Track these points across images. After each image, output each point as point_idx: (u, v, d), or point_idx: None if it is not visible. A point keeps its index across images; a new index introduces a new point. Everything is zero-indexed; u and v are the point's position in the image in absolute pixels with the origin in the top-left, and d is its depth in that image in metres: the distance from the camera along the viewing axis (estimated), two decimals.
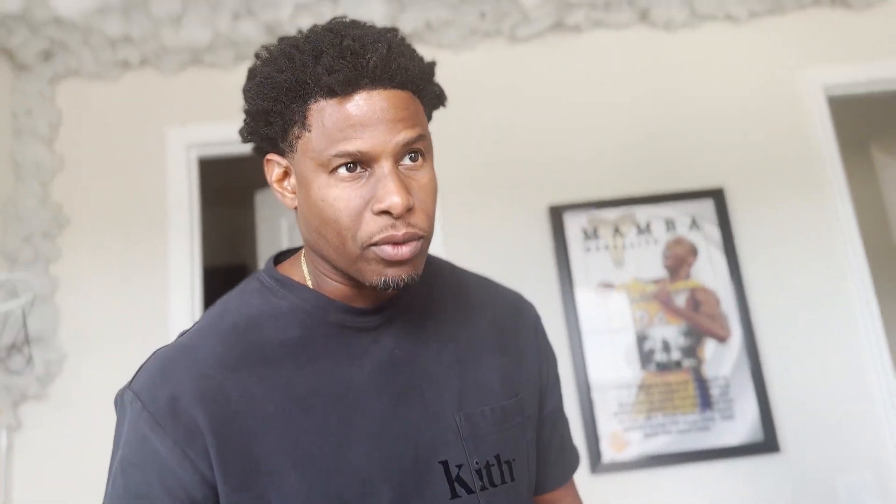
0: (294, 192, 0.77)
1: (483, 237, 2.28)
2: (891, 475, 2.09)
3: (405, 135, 0.72)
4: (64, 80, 2.38)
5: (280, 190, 0.79)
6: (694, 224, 2.27)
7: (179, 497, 0.70)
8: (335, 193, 0.72)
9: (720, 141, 2.37)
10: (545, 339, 0.98)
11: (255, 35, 2.25)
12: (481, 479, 0.80)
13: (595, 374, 2.16)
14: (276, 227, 2.65)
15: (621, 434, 2.12)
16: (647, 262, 2.25)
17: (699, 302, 2.22)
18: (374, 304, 0.81)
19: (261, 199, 2.77)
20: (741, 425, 2.12)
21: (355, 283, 0.79)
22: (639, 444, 2.11)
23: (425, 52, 2.45)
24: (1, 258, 2.18)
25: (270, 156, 0.78)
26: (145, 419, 0.71)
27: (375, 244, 0.72)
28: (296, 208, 0.78)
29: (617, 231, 2.27)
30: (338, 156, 0.71)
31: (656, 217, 2.27)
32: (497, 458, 0.82)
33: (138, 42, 2.27)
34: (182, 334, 0.80)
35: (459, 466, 0.79)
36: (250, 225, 2.83)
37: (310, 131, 0.72)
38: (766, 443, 2.10)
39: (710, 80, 2.44)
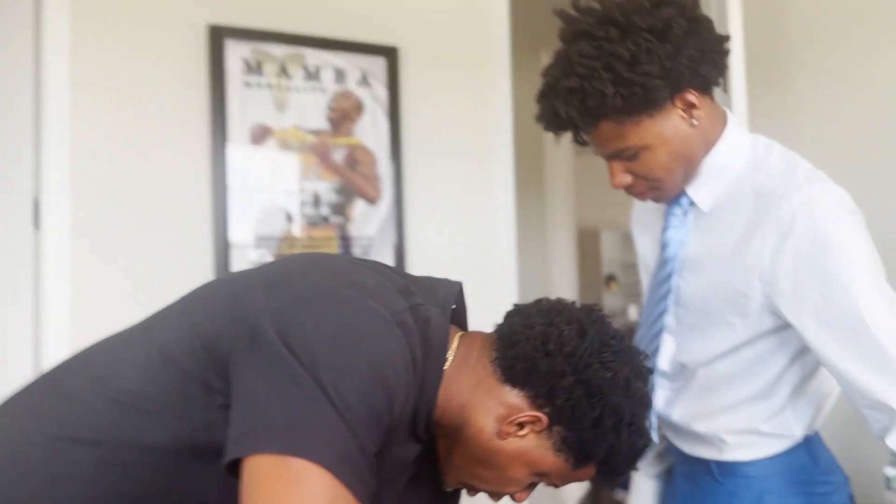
0: (522, 436, 0.83)
1: (131, 54, 1.93)
2: None
3: None
4: None
5: (517, 428, 0.83)
6: (364, 80, 2.19)
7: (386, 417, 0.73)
8: (522, 484, 0.87)
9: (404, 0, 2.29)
10: None
11: None
12: None
13: (238, 227, 2.01)
14: None
15: None
16: (311, 111, 2.12)
17: (357, 161, 2.17)
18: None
19: None
20: None
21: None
22: None
23: None
24: None
25: (543, 418, 0.82)
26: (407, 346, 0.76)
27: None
28: (507, 437, 0.83)
29: (283, 71, 2.08)
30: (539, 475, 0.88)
31: (326, 64, 2.14)
32: None
33: None
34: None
35: None
36: None
37: (564, 460, 0.84)
38: None
39: None
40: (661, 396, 1.18)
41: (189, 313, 0.81)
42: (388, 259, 2.18)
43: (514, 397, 0.82)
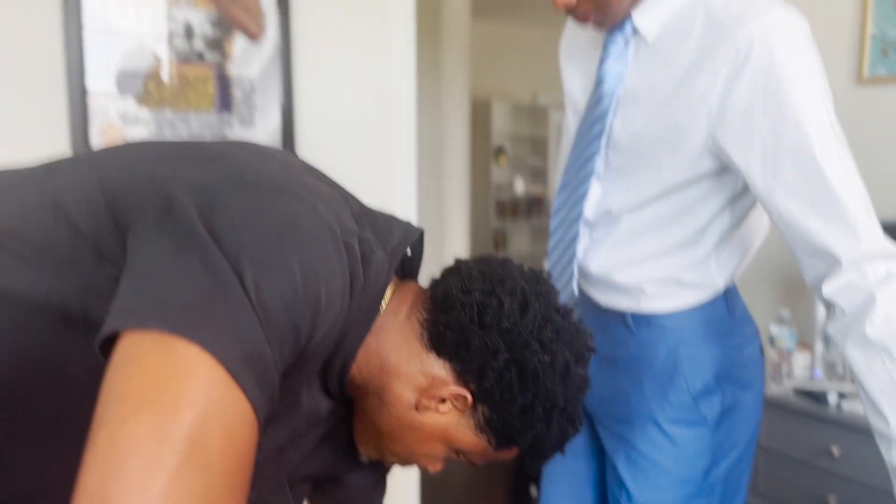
0: (442, 412, 0.74)
1: None
2: (395, 201, 2.20)
3: None
4: None
5: (438, 402, 0.73)
6: None
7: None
8: (437, 459, 0.79)
9: None
10: None
11: None
12: None
13: (96, 71, 1.70)
14: None
15: (124, 132, 1.76)
16: None
17: None
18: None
19: None
20: (261, 134, 1.95)
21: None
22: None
23: None
24: None
25: (468, 396, 0.72)
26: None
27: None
28: (425, 411, 0.74)
29: None
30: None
31: None
32: None
33: None
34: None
35: None
36: None
37: (486, 441, 0.75)
38: None
39: None
40: (582, 245, 1.10)
41: (99, 165, 0.68)
42: (274, 107, 1.95)
43: (438, 368, 0.72)
